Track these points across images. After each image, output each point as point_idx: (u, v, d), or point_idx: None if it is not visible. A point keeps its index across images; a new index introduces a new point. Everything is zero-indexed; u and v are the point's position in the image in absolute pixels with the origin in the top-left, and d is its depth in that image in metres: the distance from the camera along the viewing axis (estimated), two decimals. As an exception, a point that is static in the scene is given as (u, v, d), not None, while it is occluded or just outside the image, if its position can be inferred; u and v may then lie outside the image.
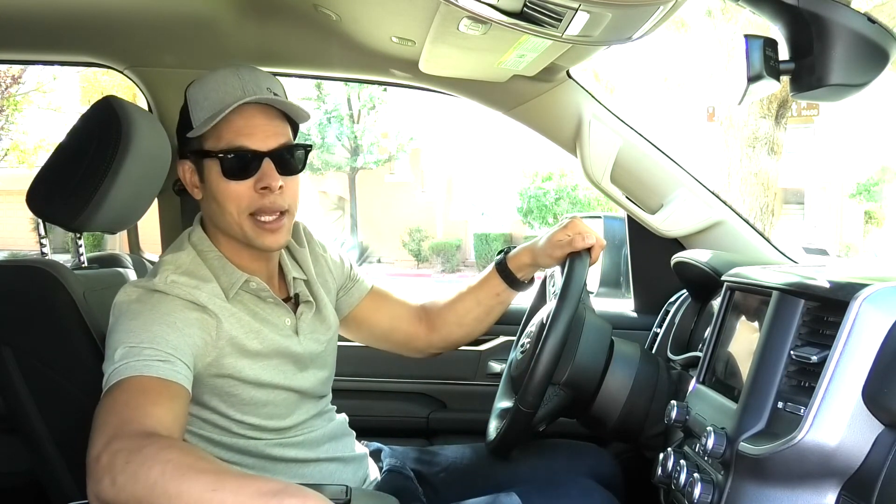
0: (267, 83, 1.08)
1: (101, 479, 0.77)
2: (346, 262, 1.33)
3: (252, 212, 1.06)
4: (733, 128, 5.88)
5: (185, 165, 1.10)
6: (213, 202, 1.08)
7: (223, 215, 1.07)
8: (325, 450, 1.17)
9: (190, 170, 1.09)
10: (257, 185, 1.05)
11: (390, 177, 16.90)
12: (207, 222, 1.12)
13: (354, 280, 1.33)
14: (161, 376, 0.92)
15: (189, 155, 1.09)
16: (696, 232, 1.64)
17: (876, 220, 13.62)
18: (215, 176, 1.05)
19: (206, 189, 1.08)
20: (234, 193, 1.05)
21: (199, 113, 1.06)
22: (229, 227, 1.08)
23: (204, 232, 1.12)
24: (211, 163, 1.05)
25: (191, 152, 1.08)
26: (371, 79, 1.77)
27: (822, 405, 0.74)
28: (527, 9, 0.98)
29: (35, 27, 1.55)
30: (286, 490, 0.73)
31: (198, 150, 1.07)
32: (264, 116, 1.06)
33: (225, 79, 1.06)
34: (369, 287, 1.35)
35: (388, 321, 1.36)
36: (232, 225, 1.07)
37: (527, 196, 14.30)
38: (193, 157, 1.08)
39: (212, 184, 1.06)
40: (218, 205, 1.07)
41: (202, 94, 1.06)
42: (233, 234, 1.09)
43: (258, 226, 1.06)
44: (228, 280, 1.08)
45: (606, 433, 1.23)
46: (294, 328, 1.14)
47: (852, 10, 0.87)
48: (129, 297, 1.02)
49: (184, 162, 1.10)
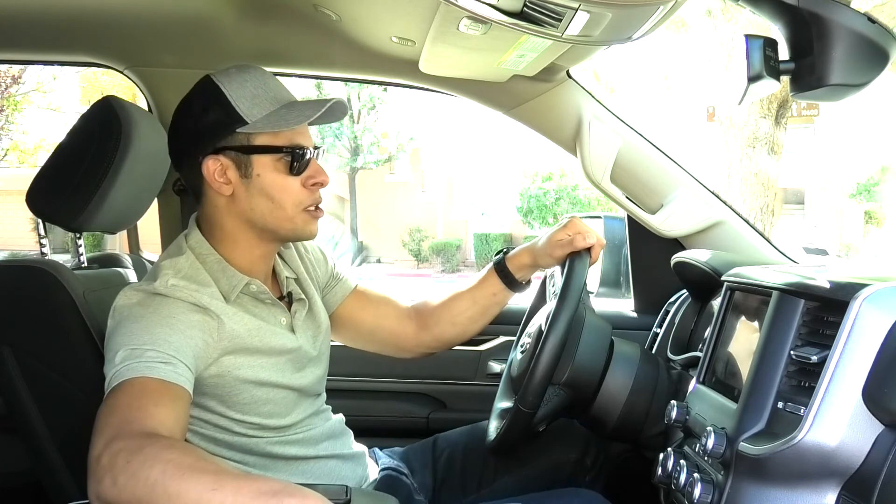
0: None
1: (101, 479, 0.77)
2: (329, 261, 1.33)
3: (307, 206, 1.09)
4: (733, 128, 5.88)
5: (219, 161, 1.06)
6: (261, 199, 1.07)
7: (276, 211, 1.08)
8: (324, 447, 1.18)
9: (224, 165, 1.06)
10: (308, 180, 1.09)
11: (390, 177, 16.90)
12: (214, 221, 1.10)
13: (338, 279, 1.33)
14: (163, 378, 0.91)
15: (225, 150, 1.06)
16: (696, 232, 1.64)
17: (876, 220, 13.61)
18: (270, 171, 1.06)
19: (253, 186, 1.06)
20: (291, 188, 1.07)
21: (252, 109, 1.05)
22: (278, 222, 1.08)
23: (201, 234, 1.11)
24: (265, 158, 1.06)
25: (232, 147, 1.06)
26: (371, 79, 1.77)
27: (822, 405, 0.74)
28: (527, 9, 0.98)
29: (35, 27, 1.55)
30: (285, 490, 0.74)
31: (246, 145, 1.06)
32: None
33: (261, 77, 1.09)
34: (353, 286, 1.35)
35: (372, 320, 1.35)
36: (282, 220, 1.08)
37: (527, 196, 14.30)
38: (236, 153, 1.06)
39: (266, 180, 1.06)
40: (271, 201, 1.07)
41: (247, 91, 1.06)
42: (276, 230, 1.09)
43: (310, 216, 1.10)
44: (229, 283, 1.08)
45: (606, 433, 1.23)
46: (290, 326, 1.15)
47: (852, 10, 0.87)
48: (129, 300, 1.02)
49: (216, 157, 1.06)
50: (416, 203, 16.42)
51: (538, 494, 1.18)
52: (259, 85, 1.07)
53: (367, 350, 1.40)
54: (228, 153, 1.06)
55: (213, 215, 1.10)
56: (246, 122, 1.05)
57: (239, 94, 1.05)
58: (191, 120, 1.07)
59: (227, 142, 1.06)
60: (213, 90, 1.06)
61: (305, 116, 1.05)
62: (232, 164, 1.06)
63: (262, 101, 1.06)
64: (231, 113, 1.05)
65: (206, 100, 1.06)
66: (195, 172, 1.08)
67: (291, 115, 1.06)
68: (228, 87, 1.06)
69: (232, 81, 1.06)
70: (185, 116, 1.08)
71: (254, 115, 1.05)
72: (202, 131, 1.06)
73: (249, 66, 1.10)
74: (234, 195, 1.07)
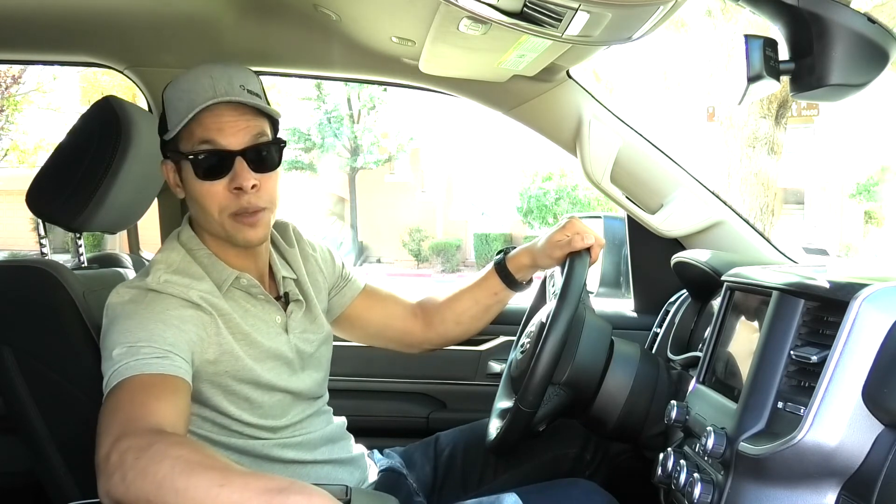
0: (241, 80, 1.05)
1: (111, 476, 0.78)
2: (337, 262, 1.33)
3: (231, 213, 1.05)
4: (733, 128, 5.87)
5: (167, 166, 1.10)
6: (193, 202, 1.08)
7: (204, 215, 1.07)
8: (322, 452, 1.17)
9: (171, 170, 1.09)
10: (231, 184, 1.04)
11: (390, 177, 16.90)
12: (194, 222, 1.13)
13: (347, 279, 1.33)
14: (161, 372, 0.92)
15: (169, 155, 1.09)
16: (696, 232, 1.64)
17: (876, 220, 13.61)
18: (191, 177, 1.05)
19: (186, 189, 1.08)
20: (209, 193, 1.05)
21: (172, 114, 1.05)
22: (211, 226, 1.08)
23: (192, 230, 1.12)
24: (186, 163, 1.05)
25: (169, 153, 1.09)
26: (371, 79, 1.77)
27: (822, 405, 0.74)
28: (527, 9, 0.98)
29: (35, 27, 1.55)
30: (291, 487, 0.74)
31: (174, 150, 1.07)
32: (235, 114, 1.04)
33: (197, 79, 1.04)
34: (362, 286, 1.35)
35: (381, 319, 1.36)
36: (213, 224, 1.07)
37: (527, 196, 14.30)
38: (172, 158, 1.09)
39: (189, 184, 1.07)
40: (198, 205, 1.07)
41: (176, 96, 1.05)
42: (215, 233, 1.09)
43: (237, 221, 1.06)
44: (219, 277, 1.08)
45: (606, 433, 1.23)
46: (284, 326, 1.14)
47: (852, 10, 0.87)
48: (122, 297, 1.02)
49: (166, 162, 1.10)
50: (416, 203, 16.42)
51: (536, 486, 1.18)
52: (188, 88, 1.04)
53: (375, 346, 1.41)
54: (171, 157, 1.09)
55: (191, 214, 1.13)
56: (167, 129, 1.06)
57: (169, 98, 1.07)
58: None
59: (166, 147, 1.09)
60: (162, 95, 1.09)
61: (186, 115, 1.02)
62: (173, 168, 1.09)
63: (185, 105, 1.03)
64: (163, 118, 1.08)
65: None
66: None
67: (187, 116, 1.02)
68: (167, 91, 1.08)
69: (171, 85, 1.08)
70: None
71: (172, 121, 1.05)
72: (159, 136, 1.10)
73: (201, 66, 1.07)
74: (185, 198, 1.10)
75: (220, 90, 1.03)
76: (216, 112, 1.03)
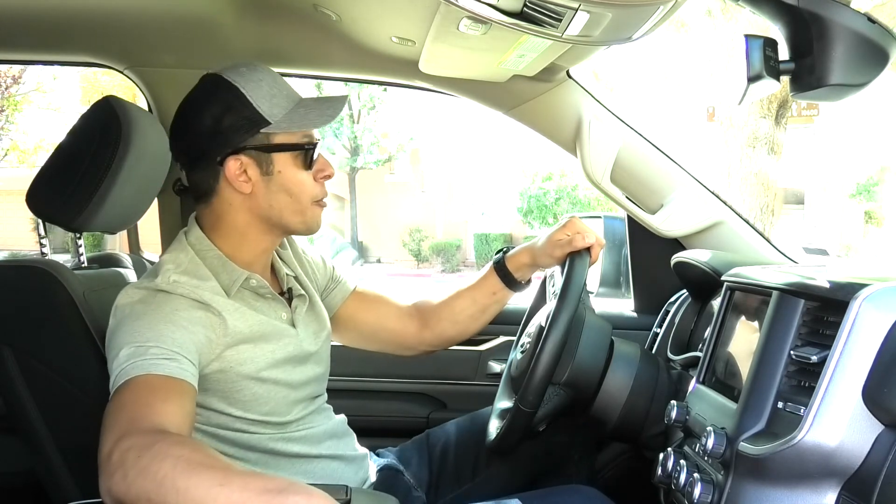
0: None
1: (112, 475, 0.78)
2: (327, 264, 1.34)
3: (318, 200, 1.13)
4: (733, 128, 5.87)
5: (239, 160, 1.07)
6: (281, 195, 1.10)
7: (293, 205, 1.10)
8: (326, 446, 1.18)
9: (244, 164, 1.07)
10: (318, 174, 1.12)
11: (390, 177, 16.90)
12: (220, 219, 1.11)
13: (337, 281, 1.34)
14: (168, 374, 0.92)
15: (245, 150, 1.07)
16: (696, 232, 1.64)
17: (876, 220, 13.61)
18: (290, 168, 1.09)
19: (274, 182, 1.09)
20: (307, 183, 1.11)
21: (272, 109, 1.07)
22: (294, 216, 1.11)
23: (201, 231, 1.12)
24: (286, 156, 1.09)
25: (252, 147, 1.07)
26: (371, 79, 1.77)
27: (822, 405, 0.74)
28: (527, 9, 0.98)
29: (35, 27, 1.55)
30: (291, 488, 0.74)
31: (266, 144, 1.08)
32: None
33: (271, 76, 1.11)
34: (352, 288, 1.36)
35: (374, 320, 1.36)
36: (297, 214, 1.11)
37: (527, 196, 14.31)
38: (256, 151, 1.07)
39: (286, 176, 1.09)
40: (290, 196, 1.10)
41: (263, 91, 1.07)
42: (289, 224, 1.12)
43: (319, 208, 1.14)
44: (229, 278, 1.09)
45: (606, 433, 1.23)
46: (291, 321, 1.15)
47: (852, 10, 0.87)
48: (131, 298, 1.02)
49: (236, 157, 1.07)
50: (416, 203, 16.43)
51: (538, 492, 1.19)
52: (273, 84, 1.10)
53: (370, 349, 1.41)
54: (249, 152, 1.08)
55: (225, 213, 1.11)
56: (269, 122, 1.07)
57: (258, 94, 1.07)
58: (209, 121, 1.06)
59: (249, 142, 1.07)
60: (230, 90, 1.06)
61: (328, 116, 1.09)
62: (252, 162, 1.08)
63: (280, 101, 1.09)
64: (253, 113, 1.06)
65: (225, 100, 1.06)
66: (211, 172, 1.09)
67: (312, 114, 1.09)
68: (246, 87, 1.07)
69: (248, 81, 1.07)
70: (201, 116, 1.07)
71: (275, 115, 1.08)
72: (223, 132, 1.06)
73: (257, 65, 1.11)
74: (252, 192, 1.09)
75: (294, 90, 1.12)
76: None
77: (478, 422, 1.36)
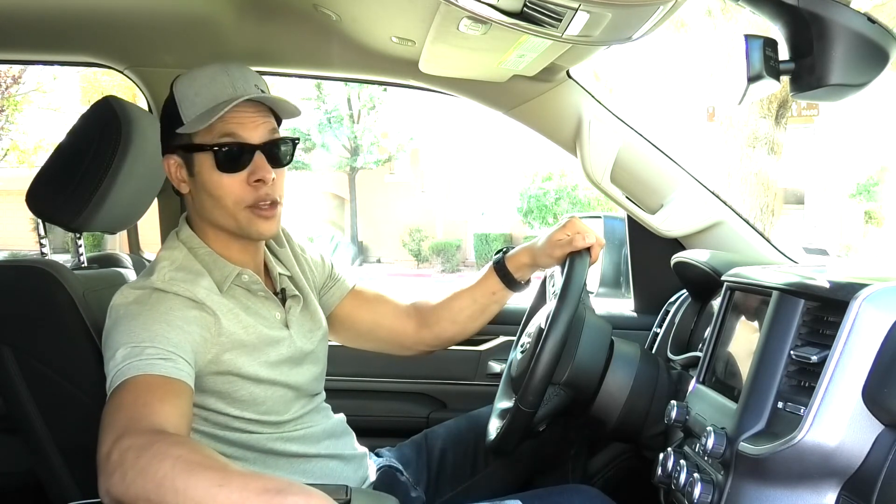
0: (254, 79, 1.10)
1: (111, 475, 0.78)
2: (326, 262, 1.33)
3: (248, 204, 1.08)
4: (733, 128, 5.87)
5: (172, 160, 1.10)
6: (205, 196, 1.09)
7: (217, 208, 1.08)
8: (325, 446, 1.18)
9: (177, 164, 1.10)
10: (251, 177, 1.07)
11: (390, 177, 16.90)
12: (195, 218, 1.13)
13: (335, 280, 1.34)
14: (165, 374, 0.92)
15: (176, 149, 1.09)
16: (696, 232, 1.64)
17: (876, 220, 13.61)
18: (208, 169, 1.07)
19: (197, 183, 1.09)
20: (228, 186, 1.07)
21: (190, 109, 1.06)
22: (223, 219, 1.09)
23: (191, 229, 1.12)
24: (203, 156, 1.06)
25: (179, 147, 1.09)
26: (371, 79, 1.77)
27: (822, 405, 0.74)
28: (527, 9, 0.98)
29: (35, 27, 1.55)
30: (291, 488, 0.74)
31: (187, 144, 1.07)
32: (255, 111, 1.08)
33: (214, 75, 1.07)
34: (350, 286, 1.36)
35: (371, 318, 1.36)
36: (226, 217, 1.08)
37: (527, 196, 14.30)
38: (182, 152, 1.09)
39: (204, 177, 1.07)
40: (212, 198, 1.08)
41: (192, 91, 1.07)
42: (225, 227, 1.10)
43: (254, 214, 1.08)
44: (221, 274, 1.09)
45: (606, 433, 1.23)
46: (284, 322, 1.15)
47: (852, 10, 0.87)
48: (126, 298, 1.02)
49: (170, 157, 1.10)
50: (416, 203, 16.42)
51: (538, 491, 1.18)
52: (205, 83, 1.07)
53: (368, 349, 1.41)
54: (178, 152, 1.09)
55: (189, 211, 1.14)
56: (182, 123, 1.07)
57: (184, 93, 1.08)
58: (160, 119, 1.12)
59: (175, 141, 1.09)
60: (171, 90, 1.10)
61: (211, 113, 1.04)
62: (182, 162, 1.09)
63: (203, 100, 1.06)
64: (174, 112, 1.08)
65: (168, 99, 1.10)
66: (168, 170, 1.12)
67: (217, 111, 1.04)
68: (179, 86, 1.09)
69: (184, 80, 1.09)
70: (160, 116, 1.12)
71: (190, 114, 1.07)
72: (162, 131, 1.12)
73: (214, 65, 1.10)
74: (189, 193, 1.11)
75: (240, 88, 1.07)
76: (237, 108, 1.05)
77: (476, 421, 1.37)
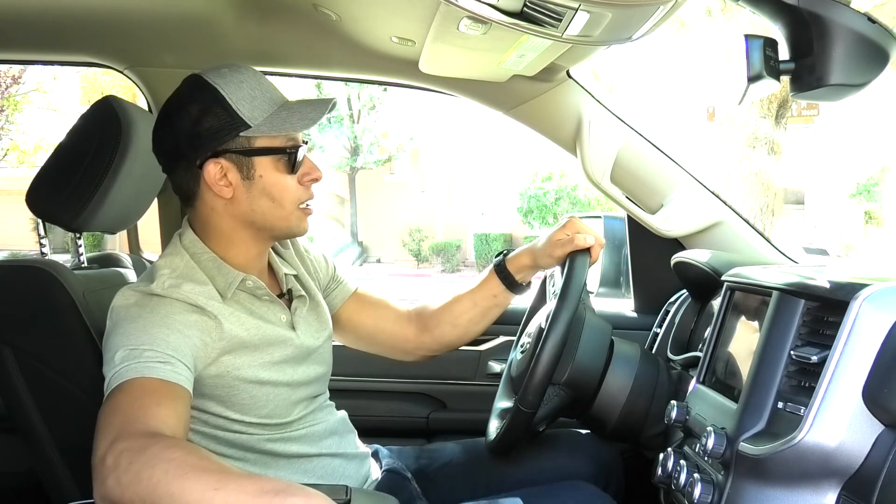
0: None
1: (106, 479, 0.78)
2: (329, 264, 1.33)
3: (302, 204, 1.11)
4: (733, 128, 5.88)
5: (220, 163, 1.05)
6: (263, 199, 1.07)
7: (276, 209, 1.08)
8: (327, 444, 1.17)
9: (224, 168, 1.05)
10: (304, 177, 1.10)
11: (390, 177, 16.89)
12: (204, 222, 1.10)
13: (338, 282, 1.34)
14: (162, 377, 0.92)
15: (224, 153, 1.05)
16: (696, 232, 1.64)
17: (876, 220, 13.61)
18: (272, 172, 1.07)
19: (255, 186, 1.06)
20: (291, 187, 1.09)
21: (253, 111, 1.05)
22: (277, 220, 1.09)
23: (194, 234, 1.11)
24: (267, 160, 1.06)
25: (234, 151, 1.05)
26: (371, 79, 1.77)
27: (822, 405, 0.74)
28: (527, 9, 0.98)
29: (35, 27, 1.55)
30: (289, 489, 0.74)
31: (246, 148, 1.05)
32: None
33: (252, 77, 1.08)
34: (353, 289, 1.35)
35: (372, 322, 1.36)
36: (281, 218, 1.09)
37: (527, 196, 14.30)
38: (236, 155, 1.05)
39: (268, 180, 1.07)
40: (272, 200, 1.08)
41: (245, 93, 1.05)
42: (274, 228, 1.10)
43: (303, 213, 1.12)
44: (225, 280, 1.08)
45: (606, 433, 1.23)
46: (290, 323, 1.14)
47: (852, 10, 0.87)
48: (127, 301, 1.02)
49: (216, 160, 1.05)
50: (416, 203, 16.42)
51: (539, 488, 1.18)
52: (255, 86, 1.07)
53: (369, 352, 1.41)
54: (229, 156, 1.05)
55: (209, 217, 1.09)
56: (249, 126, 1.04)
57: (238, 96, 1.05)
58: (188, 122, 1.04)
59: (229, 145, 1.05)
60: (210, 92, 1.04)
61: (310, 119, 1.06)
62: (233, 166, 1.06)
63: (261, 103, 1.06)
64: (233, 116, 1.04)
65: (204, 102, 1.04)
66: (191, 175, 1.07)
67: (294, 117, 1.06)
68: (226, 88, 1.04)
69: (229, 83, 1.05)
70: (181, 118, 1.05)
71: (256, 118, 1.05)
72: (202, 135, 1.04)
73: (241, 66, 1.09)
74: (233, 197, 1.07)
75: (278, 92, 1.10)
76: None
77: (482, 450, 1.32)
